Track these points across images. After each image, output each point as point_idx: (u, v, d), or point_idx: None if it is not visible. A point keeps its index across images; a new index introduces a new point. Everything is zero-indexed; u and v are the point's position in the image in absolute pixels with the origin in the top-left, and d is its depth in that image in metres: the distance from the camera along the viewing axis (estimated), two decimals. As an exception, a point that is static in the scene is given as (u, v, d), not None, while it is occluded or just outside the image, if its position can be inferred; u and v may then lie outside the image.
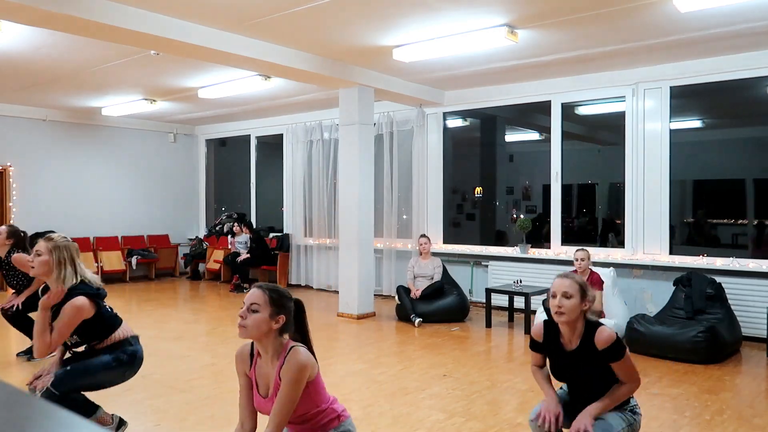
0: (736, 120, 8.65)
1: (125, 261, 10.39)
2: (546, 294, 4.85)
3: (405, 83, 7.59)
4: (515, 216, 9.68)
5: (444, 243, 8.44)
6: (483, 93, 7.94)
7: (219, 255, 10.57)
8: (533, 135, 10.25)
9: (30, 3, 4.29)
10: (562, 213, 7.51)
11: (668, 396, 4.32)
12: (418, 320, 6.78)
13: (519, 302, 6.87)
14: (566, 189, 7.73)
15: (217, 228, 11.13)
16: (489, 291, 6.87)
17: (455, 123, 8.95)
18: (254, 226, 10.11)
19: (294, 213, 10.01)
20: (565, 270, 3.75)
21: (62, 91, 8.34)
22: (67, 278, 3.12)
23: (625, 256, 6.81)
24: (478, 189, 9.84)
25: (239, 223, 9.98)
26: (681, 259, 6.50)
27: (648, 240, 6.74)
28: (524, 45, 5.83)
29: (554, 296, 2.69)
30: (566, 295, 2.66)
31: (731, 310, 5.67)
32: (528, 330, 6.31)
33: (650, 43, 5.78)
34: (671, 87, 6.61)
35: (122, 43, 5.53)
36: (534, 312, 6.28)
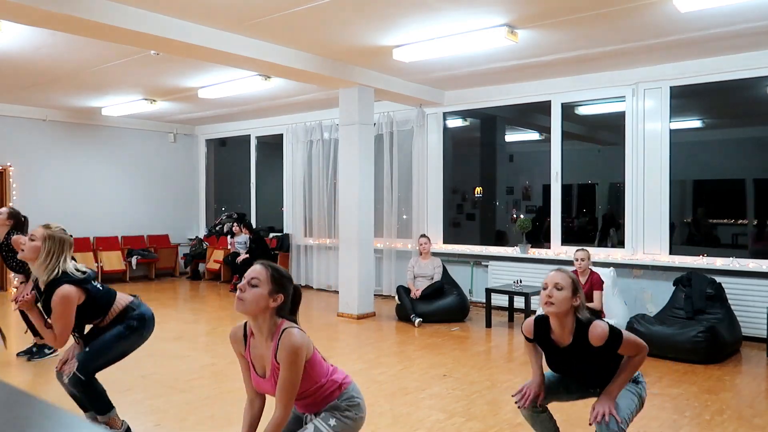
0: (736, 120, 8.65)
1: (125, 261, 10.39)
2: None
3: (405, 83, 7.59)
4: (515, 216, 9.68)
5: (444, 243, 8.44)
6: (483, 93, 7.93)
7: (219, 255, 10.58)
8: (533, 135, 10.25)
9: (30, 3, 4.29)
10: (562, 213, 7.51)
11: (668, 396, 4.32)
12: (418, 320, 6.78)
13: (519, 302, 6.87)
14: (566, 189, 7.73)
15: (217, 228, 11.13)
16: (489, 291, 6.87)
17: (455, 123, 8.95)
18: (254, 227, 10.11)
19: (294, 213, 10.01)
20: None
21: (62, 91, 8.34)
22: (49, 269, 3.13)
23: (625, 256, 6.81)
24: (478, 189, 9.84)
25: (239, 224, 9.97)
26: (681, 259, 6.50)
27: (648, 240, 6.74)
28: (524, 45, 5.82)
29: (545, 287, 2.71)
30: (558, 287, 2.68)
31: (731, 310, 5.67)
32: (528, 330, 6.31)
33: (650, 43, 5.78)
34: (671, 87, 6.61)
35: (122, 43, 5.52)
36: (534, 312, 6.27)
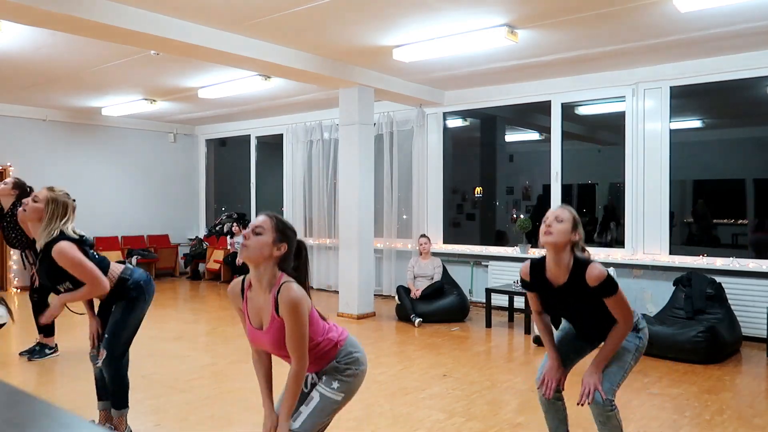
0: (736, 120, 8.66)
1: (125, 261, 10.38)
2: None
3: (405, 83, 7.59)
4: (515, 216, 9.68)
5: (444, 243, 8.44)
6: (483, 93, 7.93)
7: (219, 255, 10.58)
8: (533, 135, 10.26)
9: (30, 3, 4.29)
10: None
11: (668, 396, 4.32)
12: (418, 320, 6.78)
13: (519, 302, 6.87)
14: (566, 189, 7.73)
15: (217, 228, 11.13)
16: (489, 291, 6.87)
17: (455, 123, 8.95)
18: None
19: (294, 213, 10.00)
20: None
21: (62, 91, 8.34)
22: (51, 232, 3.12)
23: (625, 256, 6.81)
24: (478, 189, 9.84)
25: (239, 224, 9.97)
26: (681, 259, 6.50)
27: (648, 240, 6.74)
28: (524, 45, 5.82)
29: (546, 219, 2.68)
30: (558, 219, 2.66)
31: (731, 310, 5.67)
32: (528, 330, 6.31)
33: (650, 43, 5.78)
34: (671, 87, 6.61)
35: (122, 43, 5.52)
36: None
